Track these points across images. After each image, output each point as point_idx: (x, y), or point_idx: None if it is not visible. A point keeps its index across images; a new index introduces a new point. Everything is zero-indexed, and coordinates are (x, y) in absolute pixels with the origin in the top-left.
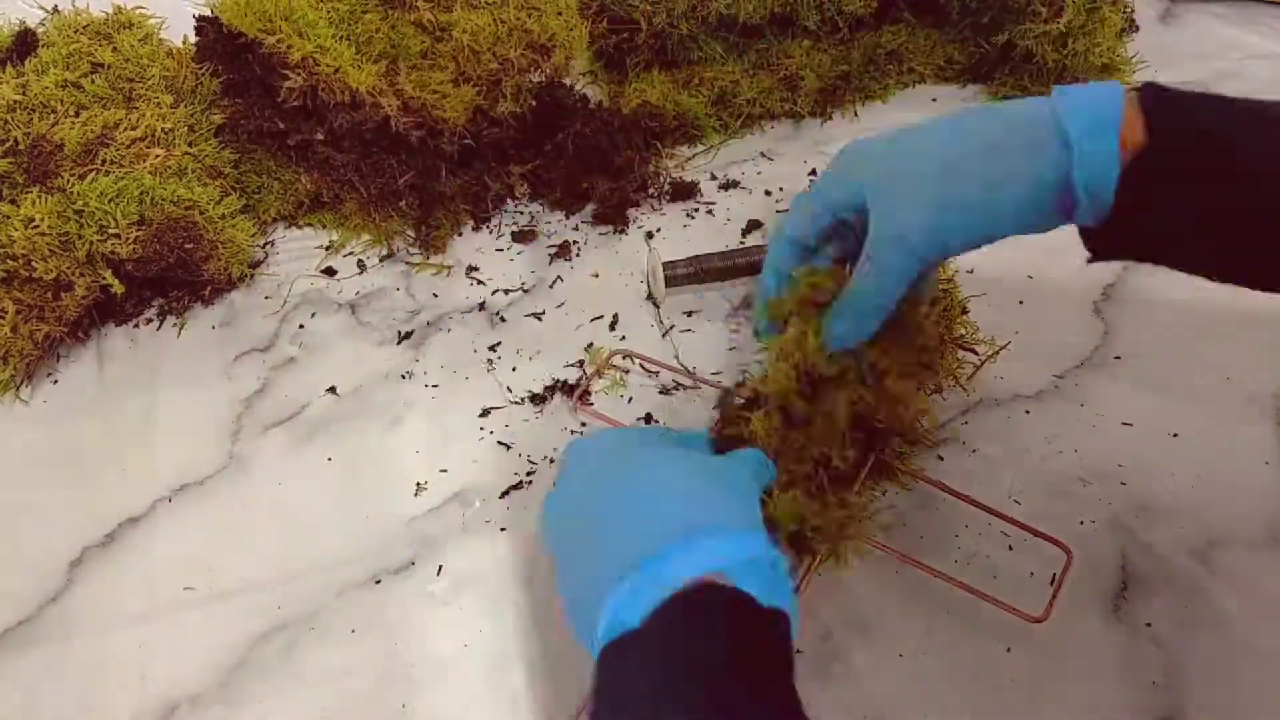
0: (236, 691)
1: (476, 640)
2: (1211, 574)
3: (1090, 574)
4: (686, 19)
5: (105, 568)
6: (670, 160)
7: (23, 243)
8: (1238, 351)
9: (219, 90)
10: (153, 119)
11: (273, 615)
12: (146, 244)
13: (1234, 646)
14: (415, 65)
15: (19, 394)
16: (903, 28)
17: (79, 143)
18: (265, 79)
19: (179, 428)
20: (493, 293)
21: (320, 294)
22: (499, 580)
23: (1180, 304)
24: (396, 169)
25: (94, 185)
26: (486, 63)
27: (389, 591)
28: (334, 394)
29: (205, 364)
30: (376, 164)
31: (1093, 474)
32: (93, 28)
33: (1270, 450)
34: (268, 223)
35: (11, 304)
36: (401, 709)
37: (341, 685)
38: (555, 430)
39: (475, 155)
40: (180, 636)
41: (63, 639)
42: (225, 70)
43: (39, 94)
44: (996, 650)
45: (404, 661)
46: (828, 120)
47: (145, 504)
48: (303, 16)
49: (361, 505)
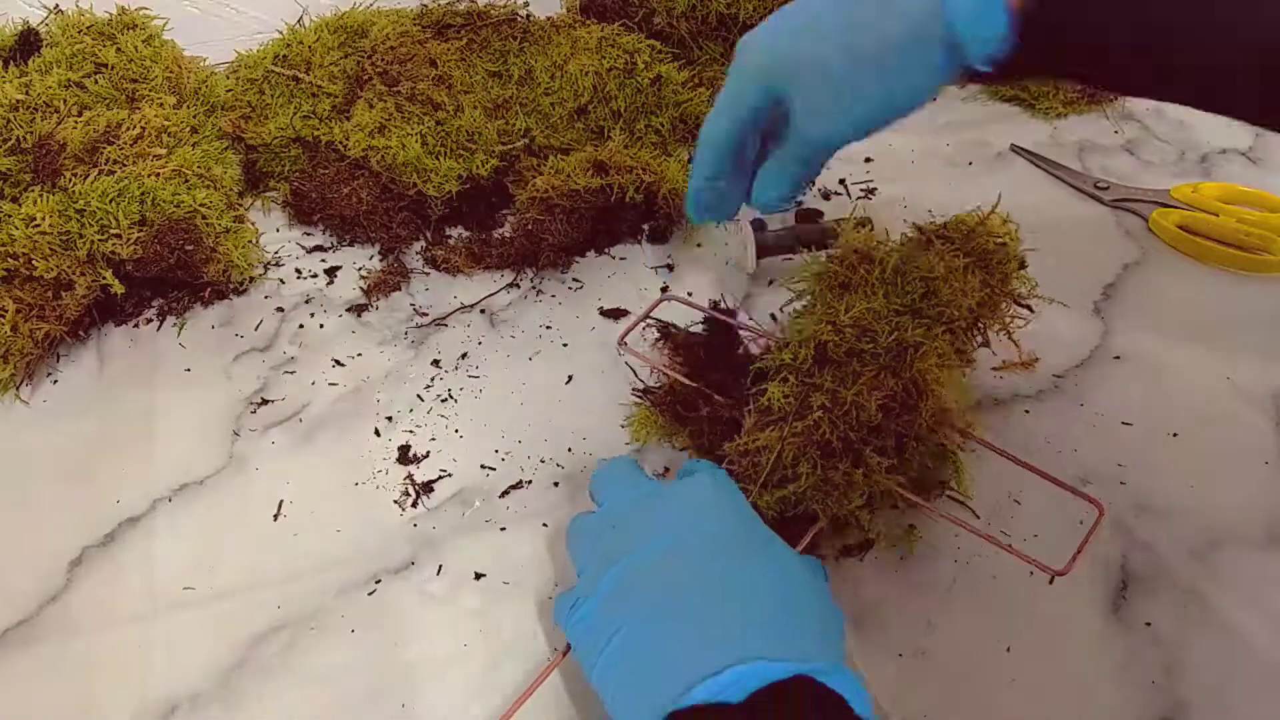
0: (236, 691)
1: (476, 640)
2: (1211, 574)
3: (1090, 574)
4: (686, 19)
5: (105, 568)
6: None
7: (24, 241)
8: (1238, 351)
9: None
10: (156, 119)
11: (273, 615)
12: (147, 245)
13: (1234, 646)
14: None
15: (19, 394)
16: None
17: (81, 143)
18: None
19: (179, 428)
20: (494, 292)
21: (320, 294)
22: (498, 580)
23: (1180, 304)
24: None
25: (96, 185)
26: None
27: (389, 591)
28: (334, 394)
29: (205, 364)
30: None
31: (1093, 474)
32: (96, 28)
33: (1270, 450)
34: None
35: (12, 303)
36: (401, 709)
37: (341, 685)
38: (556, 429)
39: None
40: (180, 636)
41: (62, 639)
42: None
43: (42, 93)
44: (997, 650)
45: (404, 661)
46: None
47: (145, 504)
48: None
49: (361, 505)
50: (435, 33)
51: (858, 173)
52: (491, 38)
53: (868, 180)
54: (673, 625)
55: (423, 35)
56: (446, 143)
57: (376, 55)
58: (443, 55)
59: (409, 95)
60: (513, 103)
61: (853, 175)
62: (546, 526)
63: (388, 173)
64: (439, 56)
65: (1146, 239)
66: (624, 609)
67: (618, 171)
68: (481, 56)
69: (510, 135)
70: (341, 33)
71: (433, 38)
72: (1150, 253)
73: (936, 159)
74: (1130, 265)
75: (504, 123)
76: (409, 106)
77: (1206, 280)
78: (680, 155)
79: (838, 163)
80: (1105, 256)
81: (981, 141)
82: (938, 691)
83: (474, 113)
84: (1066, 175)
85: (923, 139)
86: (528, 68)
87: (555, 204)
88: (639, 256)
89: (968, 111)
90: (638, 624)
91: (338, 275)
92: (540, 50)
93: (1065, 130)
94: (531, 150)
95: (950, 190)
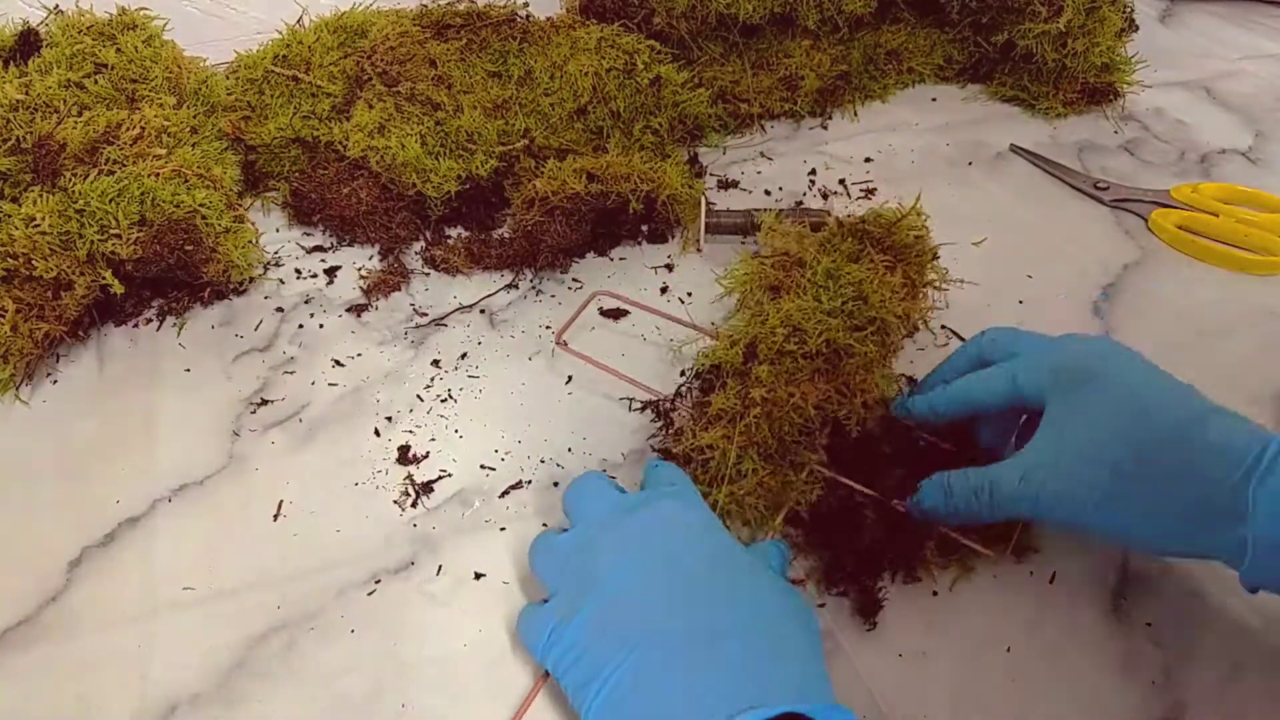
0: (236, 691)
1: (476, 640)
2: (1211, 574)
3: (1090, 574)
4: (686, 19)
5: (105, 568)
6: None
7: (23, 241)
8: (1238, 351)
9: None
10: (155, 120)
11: (272, 615)
12: (147, 244)
13: (1234, 646)
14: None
15: (18, 394)
16: (902, 27)
17: (81, 143)
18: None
19: (179, 428)
20: (493, 293)
21: (320, 294)
22: (498, 580)
23: (1180, 304)
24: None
25: (95, 185)
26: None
27: (388, 591)
28: (334, 394)
29: (205, 364)
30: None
31: None
32: (96, 28)
33: None
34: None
35: (11, 302)
36: (401, 709)
37: (341, 685)
38: (556, 429)
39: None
40: (180, 636)
41: (62, 639)
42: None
43: (42, 93)
44: (996, 650)
45: (403, 661)
46: (828, 120)
47: (145, 504)
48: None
49: (361, 505)
50: (435, 33)
51: (858, 173)
52: (491, 38)
53: (867, 180)
54: (669, 674)
55: (422, 35)
56: (446, 143)
57: (376, 55)
58: (442, 55)
59: (408, 95)
60: (512, 103)
61: (852, 175)
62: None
63: (387, 173)
64: (438, 57)
65: (1146, 239)
66: (613, 647)
67: (613, 181)
68: (481, 57)
69: (510, 135)
70: (341, 33)
71: (432, 38)
72: (1150, 253)
73: (936, 159)
74: (1130, 265)
75: (504, 123)
76: (408, 107)
77: (1206, 280)
78: (678, 156)
79: (838, 163)
80: (1105, 256)
81: (981, 141)
82: (938, 691)
83: (473, 113)
84: (1066, 175)
85: (923, 139)
86: (527, 68)
87: (555, 206)
88: (639, 257)
89: (968, 111)
90: (631, 668)
91: (337, 275)
92: (540, 51)
93: (1065, 130)
94: (531, 151)
95: (950, 190)
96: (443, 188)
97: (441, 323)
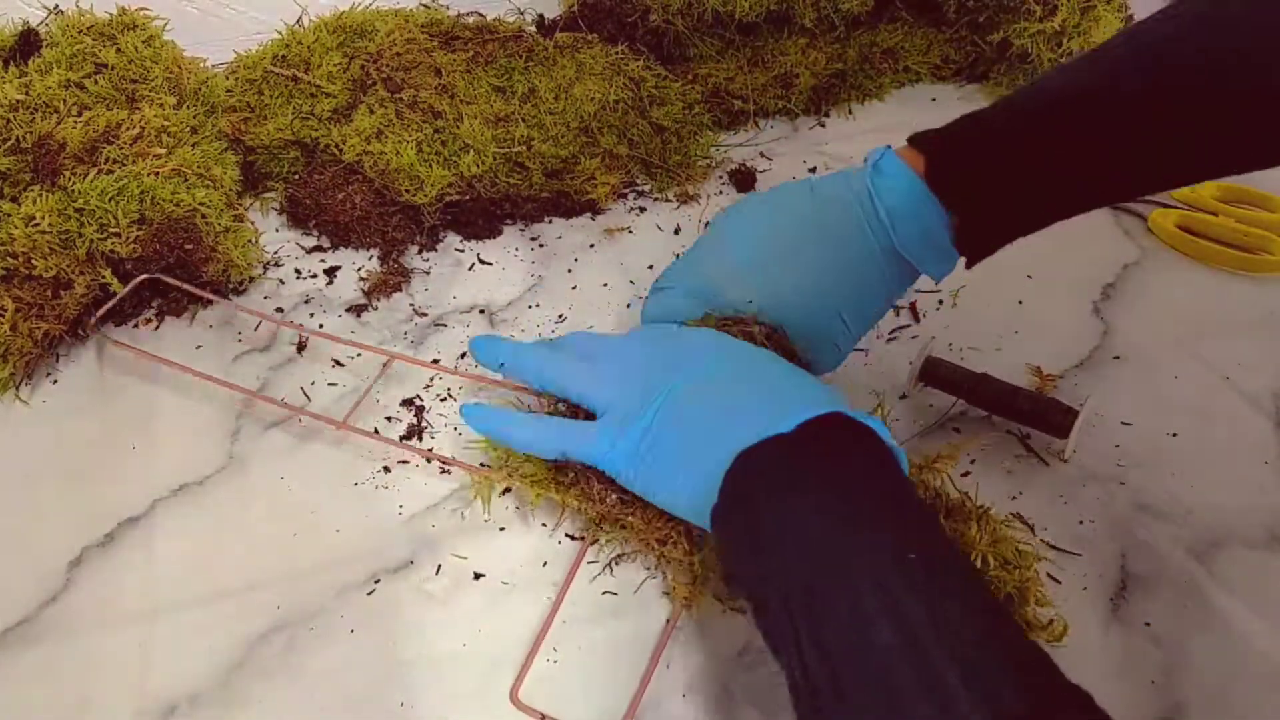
0: (236, 691)
1: (476, 640)
2: (1211, 574)
3: (1090, 574)
4: (682, 16)
5: (105, 568)
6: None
7: (23, 240)
8: (1238, 351)
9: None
10: (155, 120)
11: (272, 615)
12: (146, 244)
13: (1234, 646)
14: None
15: (18, 394)
16: (899, 26)
17: (81, 142)
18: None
19: (179, 428)
20: (493, 292)
21: (320, 294)
22: (498, 580)
23: (1180, 304)
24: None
25: (95, 184)
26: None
27: (388, 591)
28: (334, 394)
29: (205, 364)
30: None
31: (1092, 474)
32: (96, 29)
33: (1270, 450)
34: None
35: (11, 302)
36: (400, 708)
37: (341, 684)
38: None
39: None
40: (180, 636)
41: (62, 639)
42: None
43: (42, 93)
44: None
45: (403, 661)
46: (825, 118)
47: (145, 504)
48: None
49: (360, 504)
50: (443, 42)
51: None
52: (498, 53)
53: None
54: (730, 392)
55: (430, 44)
56: (441, 151)
57: (382, 60)
58: (448, 65)
59: (410, 102)
60: (515, 117)
61: None
62: (546, 526)
63: (380, 178)
64: (444, 66)
65: (1146, 239)
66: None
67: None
68: (487, 70)
69: (509, 142)
70: (340, 33)
71: (440, 47)
72: (1150, 253)
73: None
74: (1130, 265)
75: (504, 131)
76: (409, 114)
77: (1206, 280)
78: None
79: (838, 162)
80: (1105, 256)
81: None
82: None
83: (474, 123)
84: None
85: None
86: (531, 86)
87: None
88: (639, 257)
89: (966, 111)
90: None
91: (337, 275)
92: (545, 71)
93: None
94: (526, 162)
95: None
96: (430, 193)
97: (441, 323)
